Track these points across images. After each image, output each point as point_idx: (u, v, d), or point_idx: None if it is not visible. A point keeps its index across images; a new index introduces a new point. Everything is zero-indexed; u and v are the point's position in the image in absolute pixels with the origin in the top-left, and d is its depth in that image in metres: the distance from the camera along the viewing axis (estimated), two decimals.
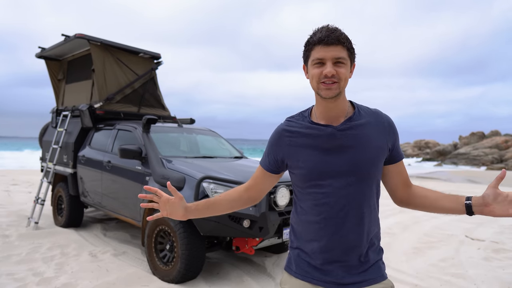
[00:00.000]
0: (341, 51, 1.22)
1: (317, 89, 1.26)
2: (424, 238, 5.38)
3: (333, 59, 1.21)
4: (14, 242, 4.54)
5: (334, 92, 1.23)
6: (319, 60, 1.23)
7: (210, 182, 3.33)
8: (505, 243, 5.14)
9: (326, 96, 1.24)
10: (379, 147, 1.30)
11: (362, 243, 1.28)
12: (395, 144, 1.34)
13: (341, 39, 1.21)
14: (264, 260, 4.22)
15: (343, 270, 1.28)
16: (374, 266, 1.31)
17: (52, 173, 5.53)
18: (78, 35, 5.13)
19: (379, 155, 1.30)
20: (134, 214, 4.06)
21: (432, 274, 3.86)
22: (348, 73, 1.25)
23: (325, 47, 1.21)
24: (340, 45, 1.21)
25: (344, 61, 1.22)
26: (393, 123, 1.36)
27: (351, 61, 1.27)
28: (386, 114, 1.37)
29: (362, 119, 1.31)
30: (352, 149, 1.27)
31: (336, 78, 1.22)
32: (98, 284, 3.36)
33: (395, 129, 1.35)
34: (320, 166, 1.28)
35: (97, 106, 5.19)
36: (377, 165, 1.30)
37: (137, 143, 4.30)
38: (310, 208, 1.32)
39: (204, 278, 3.58)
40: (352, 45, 1.26)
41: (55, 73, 6.51)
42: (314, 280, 1.31)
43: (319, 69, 1.23)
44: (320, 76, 1.23)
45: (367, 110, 1.35)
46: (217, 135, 5.48)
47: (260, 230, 3.23)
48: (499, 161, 33.01)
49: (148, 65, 5.91)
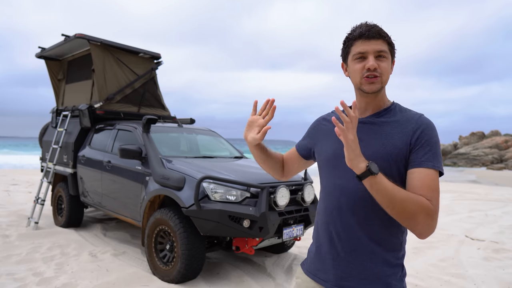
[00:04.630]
0: (382, 44, 1.20)
1: (360, 84, 1.23)
2: None
3: (375, 52, 1.19)
4: (14, 242, 4.54)
5: (377, 86, 1.21)
6: (360, 54, 1.21)
7: (210, 182, 3.33)
8: (505, 243, 5.14)
9: (369, 90, 1.21)
10: (395, 147, 1.19)
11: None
12: (420, 148, 1.17)
13: (381, 33, 1.20)
14: (264, 260, 4.22)
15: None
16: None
17: (52, 173, 5.53)
18: (78, 35, 5.13)
19: (393, 155, 1.18)
20: (134, 214, 4.06)
21: (432, 274, 3.86)
22: (390, 67, 1.23)
23: (367, 41, 1.19)
24: (381, 39, 1.20)
25: (385, 55, 1.21)
26: (428, 128, 1.19)
27: (392, 56, 1.25)
28: (426, 120, 1.22)
29: (391, 118, 1.25)
30: (362, 142, 1.21)
31: (378, 72, 1.19)
32: (98, 284, 3.36)
33: (430, 135, 1.18)
34: (334, 157, 1.28)
35: (97, 106, 5.19)
36: (392, 167, 1.18)
37: (137, 143, 4.30)
38: (322, 199, 1.35)
39: (204, 278, 3.58)
40: (392, 40, 1.24)
41: (55, 73, 6.51)
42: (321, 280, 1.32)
43: (361, 64, 1.21)
44: (362, 71, 1.21)
45: (405, 112, 1.27)
46: (217, 135, 5.48)
47: (260, 230, 3.23)
48: (499, 161, 33.01)
49: (148, 65, 5.91)
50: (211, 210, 3.19)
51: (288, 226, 3.46)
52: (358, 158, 1.08)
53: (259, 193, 3.33)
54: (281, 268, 3.98)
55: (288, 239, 3.50)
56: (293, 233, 3.49)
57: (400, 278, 1.24)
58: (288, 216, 3.44)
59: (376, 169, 1.07)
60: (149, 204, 3.78)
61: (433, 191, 1.12)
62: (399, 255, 1.24)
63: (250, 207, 3.26)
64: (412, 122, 1.21)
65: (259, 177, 3.54)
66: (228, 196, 3.29)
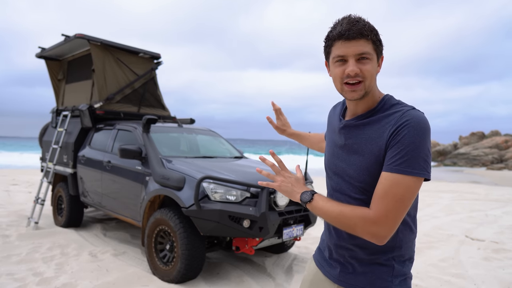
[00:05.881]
0: (364, 45, 1.08)
1: (341, 91, 1.15)
2: (424, 238, 5.38)
3: (355, 55, 1.08)
4: (14, 242, 4.54)
5: (359, 93, 1.12)
6: (340, 57, 1.10)
7: (210, 182, 3.33)
8: (505, 243, 5.14)
9: (351, 98, 1.14)
10: (373, 153, 1.12)
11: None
12: (392, 150, 1.07)
13: (364, 31, 1.07)
14: (264, 260, 4.22)
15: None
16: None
17: (52, 173, 5.53)
18: (78, 35, 5.13)
19: (372, 161, 1.12)
20: (134, 214, 4.06)
21: (432, 274, 3.86)
22: (375, 70, 1.12)
23: (346, 42, 1.08)
24: (363, 38, 1.07)
25: (369, 57, 1.09)
26: (407, 128, 1.05)
27: (378, 54, 1.13)
28: (407, 116, 1.07)
29: (372, 117, 1.16)
30: (348, 149, 1.20)
31: (361, 77, 1.09)
32: (98, 284, 3.36)
33: (406, 136, 1.05)
34: (327, 161, 1.32)
35: (97, 106, 5.19)
36: (372, 172, 1.12)
37: (137, 143, 4.30)
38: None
39: (204, 278, 3.58)
40: (378, 37, 1.12)
41: (55, 73, 6.51)
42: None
43: (341, 68, 1.11)
44: (342, 75, 1.11)
45: (392, 108, 1.14)
46: (217, 135, 5.48)
47: (260, 230, 3.23)
48: (499, 161, 33.00)
49: (148, 65, 5.92)
50: (211, 210, 3.19)
51: (288, 226, 3.46)
52: (292, 193, 1.23)
53: (259, 193, 3.33)
54: (281, 268, 3.98)
55: (288, 239, 3.50)
56: (293, 233, 3.49)
57: (391, 277, 1.17)
58: (288, 216, 3.44)
59: (306, 198, 1.19)
60: (149, 204, 3.78)
61: (383, 197, 1.05)
62: (389, 256, 1.17)
63: (250, 207, 3.26)
64: (392, 120, 1.10)
65: (259, 177, 3.54)
66: (228, 196, 3.29)
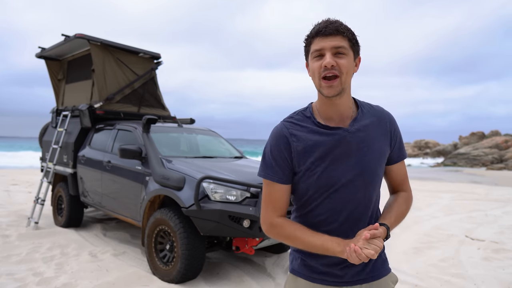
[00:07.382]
0: (340, 41, 1.15)
1: (319, 86, 1.19)
2: (424, 238, 5.38)
3: (332, 49, 1.15)
4: (14, 242, 4.55)
5: (336, 89, 1.16)
6: (317, 51, 1.17)
7: (210, 182, 3.33)
8: (505, 243, 5.14)
9: (328, 94, 1.17)
10: (381, 150, 1.26)
11: None
12: (396, 145, 1.31)
13: (340, 29, 1.16)
14: (264, 260, 4.22)
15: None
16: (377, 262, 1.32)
17: (52, 173, 5.53)
18: (78, 35, 5.13)
19: (381, 158, 1.27)
20: (134, 214, 4.06)
21: (432, 274, 3.86)
22: (351, 66, 1.18)
23: (324, 37, 1.15)
24: (340, 35, 1.15)
25: (344, 51, 1.16)
26: (395, 122, 1.32)
27: (354, 53, 1.20)
28: (388, 112, 1.33)
29: (367, 119, 1.26)
30: (359, 152, 1.22)
31: (337, 71, 1.15)
32: (98, 284, 3.36)
33: (397, 129, 1.31)
34: (328, 176, 1.21)
35: (97, 106, 5.19)
36: (382, 168, 1.28)
37: (137, 143, 4.30)
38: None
39: (204, 278, 3.58)
40: (354, 36, 1.19)
41: (55, 73, 6.51)
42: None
43: (318, 62, 1.17)
44: (320, 70, 1.16)
45: (370, 108, 1.30)
46: (217, 135, 5.48)
47: (260, 230, 3.22)
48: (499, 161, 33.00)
49: (148, 65, 5.92)
50: (211, 210, 3.18)
51: None
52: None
53: (259, 193, 3.33)
54: (281, 268, 3.98)
55: None
56: None
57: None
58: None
59: (389, 234, 1.22)
60: (149, 204, 3.78)
61: (407, 179, 1.37)
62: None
63: (250, 207, 3.26)
64: (384, 121, 1.29)
65: (259, 177, 3.54)
66: (228, 196, 3.29)
